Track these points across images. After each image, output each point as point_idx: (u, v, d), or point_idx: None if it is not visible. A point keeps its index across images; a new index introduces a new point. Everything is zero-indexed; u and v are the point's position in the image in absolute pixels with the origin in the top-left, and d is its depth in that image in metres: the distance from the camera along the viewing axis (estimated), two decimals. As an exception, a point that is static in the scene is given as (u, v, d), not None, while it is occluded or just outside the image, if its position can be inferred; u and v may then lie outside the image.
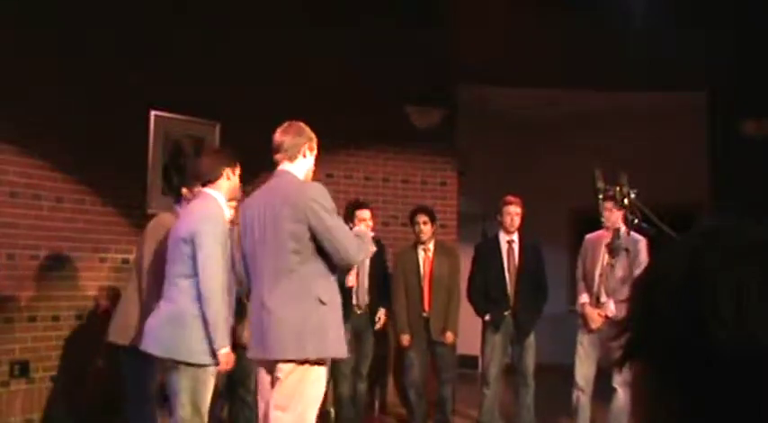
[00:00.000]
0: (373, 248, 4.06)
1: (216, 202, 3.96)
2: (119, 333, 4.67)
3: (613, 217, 5.52)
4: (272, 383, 3.66)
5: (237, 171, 4.08)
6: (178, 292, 3.84)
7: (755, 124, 7.59)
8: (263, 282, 3.62)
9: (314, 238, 3.55)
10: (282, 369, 3.57)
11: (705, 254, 0.71)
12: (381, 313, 6.03)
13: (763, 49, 7.30)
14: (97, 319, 5.87)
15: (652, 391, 0.73)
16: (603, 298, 5.48)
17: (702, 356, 0.68)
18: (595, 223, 5.63)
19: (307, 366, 3.57)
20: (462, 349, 6.20)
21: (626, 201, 3.82)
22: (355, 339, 5.84)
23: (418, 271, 6.05)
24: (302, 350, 3.53)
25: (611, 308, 5.40)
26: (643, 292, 0.75)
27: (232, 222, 4.33)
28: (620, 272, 5.47)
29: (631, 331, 0.75)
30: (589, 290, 5.57)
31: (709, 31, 7.21)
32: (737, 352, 0.66)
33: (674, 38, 7.34)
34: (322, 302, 3.55)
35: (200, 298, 3.77)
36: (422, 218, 6.05)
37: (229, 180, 4.03)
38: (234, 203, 4.30)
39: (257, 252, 3.66)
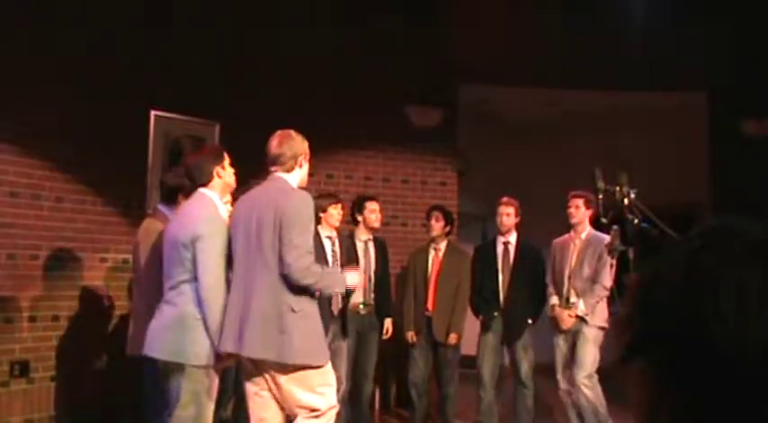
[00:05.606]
0: (340, 290, 4.19)
1: (212, 202, 3.93)
2: (136, 344, 4.62)
3: (580, 214, 5.54)
4: (251, 375, 3.78)
5: (227, 163, 4.03)
6: (179, 296, 3.82)
7: (755, 124, 7.59)
8: (254, 280, 3.68)
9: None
10: (278, 374, 3.69)
11: (705, 254, 0.71)
12: (388, 323, 5.98)
13: (763, 50, 7.30)
14: (97, 319, 5.88)
15: (652, 391, 0.73)
16: (573, 298, 5.50)
17: (702, 356, 0.68)
18: (595, 223, 5.63)
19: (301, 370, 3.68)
20: (463, 349, 6.17)
21: (626, 201, 3.82)
22: (358, 340, 5.82)
23: (426, 270, 6.07)
24: (268, 351, 3.63)
25: (582, 308, 5.42)
26: (643, 292, 0.75)
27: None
28: (587, 271, 5.48)
29: (631, 331, 0.75)
30: (558, 291, 5.59)
31: (709, 31, 7.21)
32: (738, 351, 0.66)
33: (674, 38, 7.34)
34: (293, 311, 3.64)
35: (201, 300, 3.77)
36: (435, 214, 6.09)
37: (221, 178, 3.99)
38: (229, 198, 4.29)
39: (244, 252, 3.73)
